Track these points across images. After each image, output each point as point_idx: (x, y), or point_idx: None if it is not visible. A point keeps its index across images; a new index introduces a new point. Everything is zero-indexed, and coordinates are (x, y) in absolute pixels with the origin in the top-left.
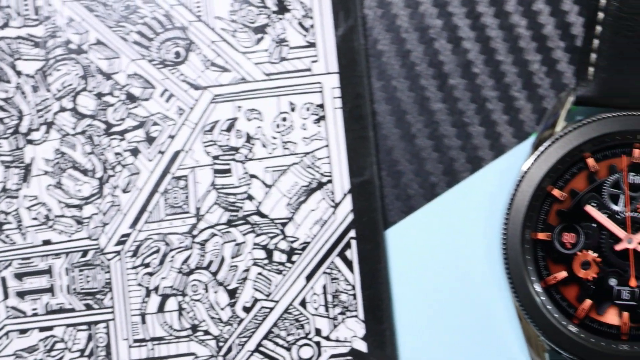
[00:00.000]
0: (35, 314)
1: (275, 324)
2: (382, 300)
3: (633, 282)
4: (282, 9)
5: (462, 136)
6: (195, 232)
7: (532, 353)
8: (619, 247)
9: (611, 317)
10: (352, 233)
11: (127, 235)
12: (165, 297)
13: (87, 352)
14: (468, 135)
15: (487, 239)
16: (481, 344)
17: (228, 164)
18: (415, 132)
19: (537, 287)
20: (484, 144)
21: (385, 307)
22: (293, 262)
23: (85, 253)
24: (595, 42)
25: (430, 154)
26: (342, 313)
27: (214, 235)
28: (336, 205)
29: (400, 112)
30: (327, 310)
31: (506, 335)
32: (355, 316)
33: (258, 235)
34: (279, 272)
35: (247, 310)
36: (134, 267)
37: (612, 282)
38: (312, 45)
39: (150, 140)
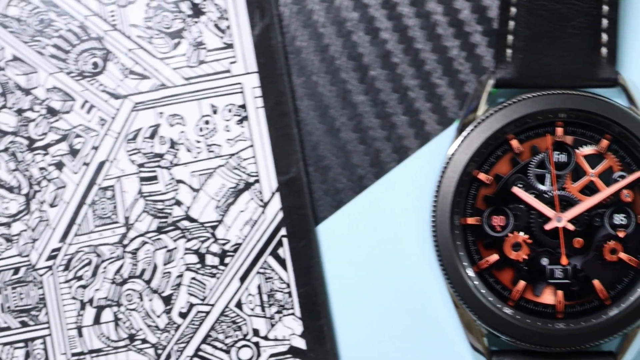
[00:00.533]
0: None
1: (212, 328)
2: (317, 296)
3: (564, 261)
4: (197, 12)
5: (387, 127)
6: (125, 242)
7: (471, 338)
8: (548, 226)
9: (546, 296)
10: (283, 231)
11: (58, 249)
12: (100, 309)
13: None
14: (392, 126)
15: (419, 227)
16: (419, 333)
17: (154, 171)
18: (340, 125)
19: (470, 272)
20: (408, 133)
21: (321, 303)
22: (226, 265)
23: (16, 270)
24: (511, 23)
25: (356, 146)
26: (278, 312)
27: (144, 243)
28: (265, 205)
29: (323, 107)
30: (263, 310)
31: (444, 323)
32: (292, 314)
33: (189, 240)
34: (213, 275)
35: (183, 315)
36: (67, 281)
37: (544, 261)
38: (229, 46)
39: (74, 152)
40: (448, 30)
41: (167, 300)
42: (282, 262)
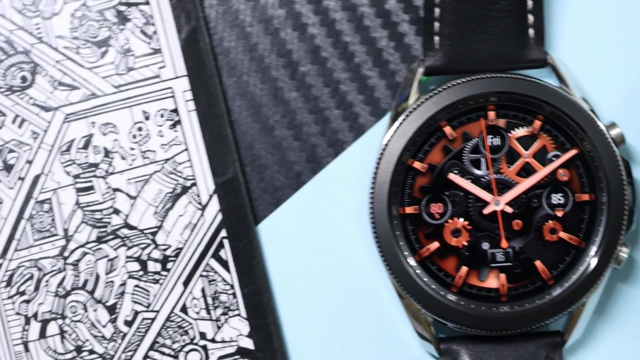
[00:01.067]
0: None
1: (159, 334)
2: (262, 295)
3: (504, 244)
4: (123, 19)
5: (321, 121)
6: (66, 254)
7: (418, 327)
8: (487, 210)
9: (490, 280)
10: (224, 233)
11: None
12: (45, 323)
13: None
14: (326, 120)
15: (359, 220)
16: (367, 325)
17: (90, 181)
18: (273, 123)
19: (412, 261)
20: (343, 126)
21: (266, 302)
22: (168, 270)
23: None
24: (437, 10)
25: (291, 143)
26: (224, 313)
27: (85, 254)
28: (203, 207)
29: (256, 106)
30: (209, 313)
31: (391, 313)
32: (238, 315)
33: (129, 248)
34: (156, 281)
35: (129, 324)
36: (10, 297)
37: (485, 246)
38: (157, 51)
39: (8, 168)
40: (375, 22)
41: (112, 309)
42: (224, 264)
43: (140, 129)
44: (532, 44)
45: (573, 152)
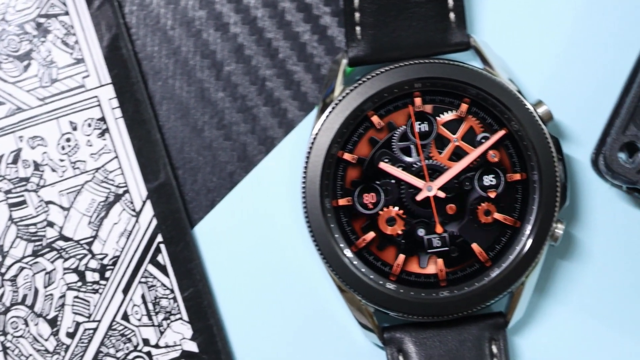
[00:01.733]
0: None
1: (102, 343)
2: (203, 297)
3: (439, 229)
4: (43, 31)
5: (249, 120)
6: (3, 270)
7: (361, 318)
8: (419, 197)
9: (429, 266)
10: (160, 238)
11: None
12: None
13: None
14: (255, 118)
15: (294, 215)
16: (309, 319)
17: (22, 196)
18: (202, 125)
19: (348, 253)
20: (272, 123)
21: (207, 304)
22: (107, 279)
23: None
24: (356, 1)
25: (222, 143)
26: (166, 318)
27: (22, 268)
28: (138, 214)
29: (184, 109)
30: (150, 319)
31: (333, 307)
32: (180, 318)
33: (66, 259)
34: (95, 291)
35: (71, 335)
36: None
37: (421, 232)
38: (80, 61)
39: None
40: (297, 16)
41: (53, 322)
42: (162, 269)
43: (68, 140)
44: (453, 27)
45: (502, 132)
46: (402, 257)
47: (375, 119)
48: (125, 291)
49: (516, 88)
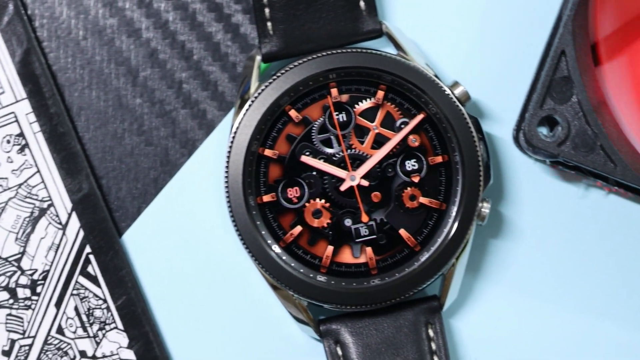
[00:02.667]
0: None
1: (38, 359)
2: (136, 305)
3: (365, 218)
4: None
5: (169, 124)
6: None
7: (295, 313)
8: (343, 187)
9: (351, 256)
10: (88, 248)
11: None
12: None
13: None
14: (174, 121)
15: (221, 215)
16: (246, 318)
17: None
18: (122, 132)
19: (277, 249)
20: (192, 125)
21: (142, 311)
22: (38, 294)
23: None
24: None
25: (143, 149)
26: (101, 329)
27: None
28: (64, 227)
29: (102, 118)
30: (85, 330)
31: (267, 304)
32: (115, 328)
33: None
34: (28, 307)
35: (7, 354)
36: None
37: (348, 222)
38: None
39: None
40: (208, 16)
41: None
42: (93, 279)
43: None
44: (364, 15)
45: (420, 117)
46: (330, 248)
47: (293, 113)
48: (58, 305)
49: (432, 71)
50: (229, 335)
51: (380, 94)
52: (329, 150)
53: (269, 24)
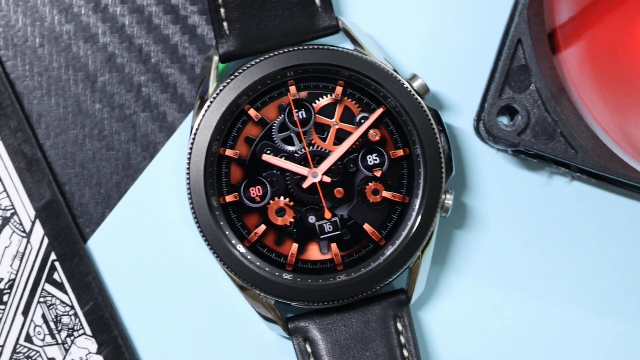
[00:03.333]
0: None
1: None
2: (104, 310)
3: (328, 214)
4: None
5: (130, 128)
6: None
7: (263, 312)
8: (306, 184)
9: (319, 253)
10: (53, 255)
11: None
12: None
13: None
14: (135, 125)
15: (184, 217)
16: (214, 320)
17: None
18: (83, 138)
19: (241, 249)
20: (153, 128)
21: (109, 315)
22: (5, 303)
23: None
24: None
25: (105, 154)
26: (69, 335)
27: None
28: (28, 234)
29: (63, 125)
30: (54, 338)
31: (236, 304)
32: (84, 334)
33: None
34: None
35: None
36: None
37: (312, 219)
38: None
39: None
40: (164, 19)
41: None
42: (60, 286)
43: None
44: (320, 12)
45: (380, 111)
46: (295, 246)
47: (252, 112)
48: (25, 313)
49: (390, 65)
50: (198, 337)
51: (339, 89)
52: (290, 148)
53: (225, 24)
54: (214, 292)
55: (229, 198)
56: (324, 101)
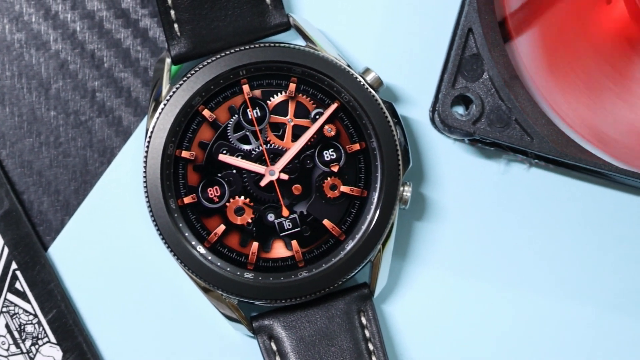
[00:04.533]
0: None
1: None
2: (67, 316)
3: (285, 212)
4: None
5: (86, 134)
6: None
7: (227, 312)
8: (263, 182)
9: (283, 250)
10: (14, 265)
11: None
12: None
13: None
14: (91, 131)
15: (145, 221)
16: (179, 323)
17: None
18: (40, 146)
19: (202, 250)
20: (109, 133)
21: (73, 322)
22: None
23: None
24: None
25: (62, 161)
26: (34, 344)
27: None
28: None
29: (18, 134)
30: (18, 347)
31: (200, 306)
32: (48, 342)
33: None
34: None
35: None
36: None
37: (271, 217)
38: None
39: None
40: (116, 23)
41: None
42: (22, 295)
43: None
44: (271, 9)
45: (334, 106)
46: (256, 245)
47: (206, 112)
48: None
49: (343, 60)
50: (163, 339)
51: (292, 86)
52: (246, 147)
53: (175, 25)
54: (178, 295)
55: (187, 200)
56: (278, 99)
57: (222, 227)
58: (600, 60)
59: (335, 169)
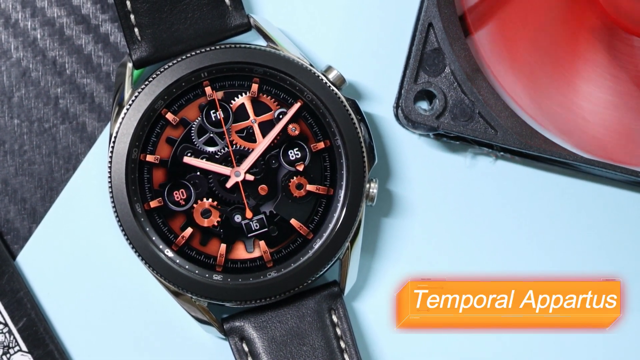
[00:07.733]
0: None
1: None
2: (37, 324)
3: (249, 214)
4: None
5: (50, 141)
6: None
7: (197, 315)
8: (229, 183)
9: (253, 250)
10: None
11: None
12: None
13: None
14: (55, 138)
15: (112, 226)
16: (150, 327)
17: None
18: (4, 155)
19: (169, 253)
20: (73, 139)
21: (44, 330)
22: None
23: None
24: (128, 3)
25: (27, 169)
26: (5, 353)
27: None
28: None
29: None
30: None
31: (170, 310)
32: (19, 350)
33: None
34: None
35: None
36: None
37: (238, 218)
38: None
39: None
40: (76, 29)
41: None
42: None
43: None
44: (231, 11)
45: (297, 105)
46: (223, 246)
47: (169, 115)
48: None
49: (305, 59)
50: (135, 344)
51: (255, 87)
52: (211, 149)
53: (136, 30)
54: (148, 299)
55: (153, 203)
56: (240, 99)
57: (189, 230)
58: (559, 51)
59: (300, 168)
